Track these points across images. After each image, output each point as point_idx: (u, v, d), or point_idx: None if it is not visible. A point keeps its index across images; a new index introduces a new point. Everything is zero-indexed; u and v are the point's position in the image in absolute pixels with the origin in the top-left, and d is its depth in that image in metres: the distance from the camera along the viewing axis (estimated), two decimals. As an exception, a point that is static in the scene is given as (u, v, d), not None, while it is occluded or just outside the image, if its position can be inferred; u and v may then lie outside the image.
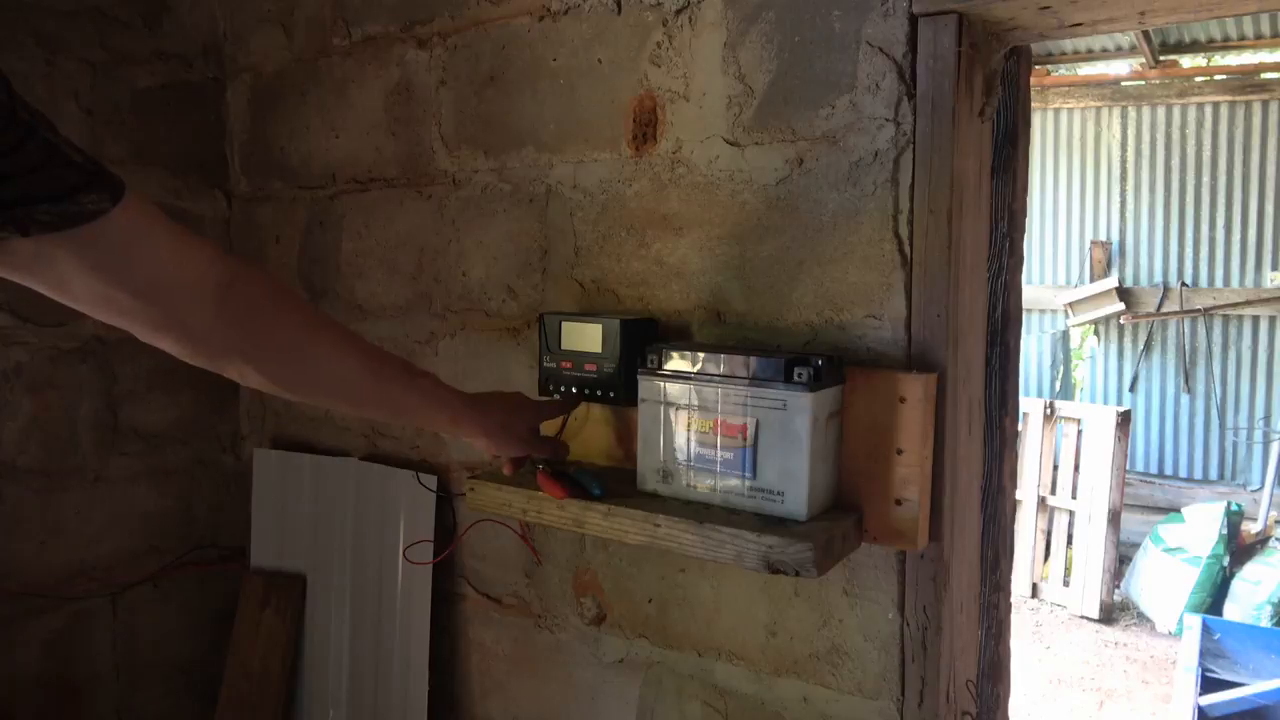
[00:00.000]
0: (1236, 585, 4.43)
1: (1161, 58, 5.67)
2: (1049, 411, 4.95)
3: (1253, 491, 5.67)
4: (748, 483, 1.08)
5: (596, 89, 1.38)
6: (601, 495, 1.16)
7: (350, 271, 1.76)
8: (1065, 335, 6.48)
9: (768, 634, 1.27)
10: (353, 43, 1.71)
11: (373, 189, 1.71)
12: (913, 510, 1.09)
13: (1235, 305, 5.83)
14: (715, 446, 1.10)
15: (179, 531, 1.95)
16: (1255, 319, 5.84)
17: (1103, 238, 6.23)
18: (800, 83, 1.19)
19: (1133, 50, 5.54)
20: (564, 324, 1.30)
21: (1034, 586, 4.94)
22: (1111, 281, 6.06)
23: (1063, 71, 6.29)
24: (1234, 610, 4.32)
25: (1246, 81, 5.73)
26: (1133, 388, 6.15)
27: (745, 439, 1.08)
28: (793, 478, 1.06)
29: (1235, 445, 5.91)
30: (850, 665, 1.20)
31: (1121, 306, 6.02)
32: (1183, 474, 6.03)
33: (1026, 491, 4.89)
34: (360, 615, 1.75)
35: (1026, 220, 1.35)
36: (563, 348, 1.30)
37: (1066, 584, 4.86)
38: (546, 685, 1.54)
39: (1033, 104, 1.44)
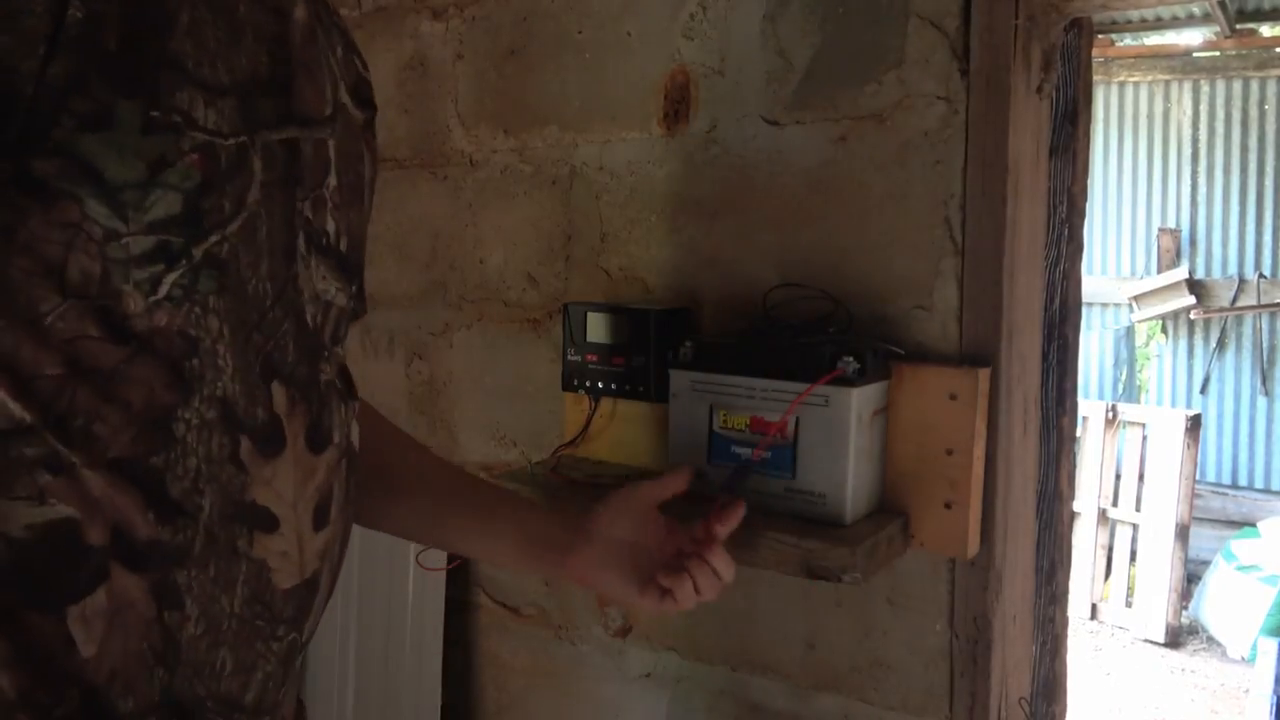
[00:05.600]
0: (1318, 607, 4.42)
1: (1238, 26, 5.64)
2: (1111, 415, 4.95)
3: (1337, 505, 5.64)
4: (786, 483, 1.12)
5: (625, 63, 1.41)
6: None
7: (358, 258, 1.80)
8: (1130, 331, 6.47)
9: (806, 646, 1.31)
10: (363, 13, 1.75)
11: (383, 170, 1.75)
12: (963, 514, 1.12)
13: (1319, 299, 5.79)
14: (752, 444, 1.14)
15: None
16: (1341, 314, 5.80)
17: (1171, 224, 6.20)
18: (845, 57, 1.22)
19: (1206, 18, 5.51)
20: (589, 315, 1.34)
21: (1093, 607, 4.94)
22: (1181, 272, 6.04)
23: (1128, 41, 6.27)
24: (1315, 635, 4.31)
25: (1333, 52, 5.70)
26: (1204, 390, 6.12)
27: (784, 437, 1.11)
28: (835, 478, 1.09)
29: (1318, 454, 5.88)
30: (894, 680, 1.24)
31: (1192, 300, 6.00)
32: (1258, 485, 5.99)
33: (1086, 503, 4.89)
34: (367, 625, 1.79)
35: (1087, 205, 1.38)
36: (588, 340, 1.34)
37: (1129, 605, 4.86)
38: (567, 701, 1.58)
39: (1095, 77, 1.46)
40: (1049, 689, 1.37)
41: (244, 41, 0.63)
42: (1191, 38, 6.13)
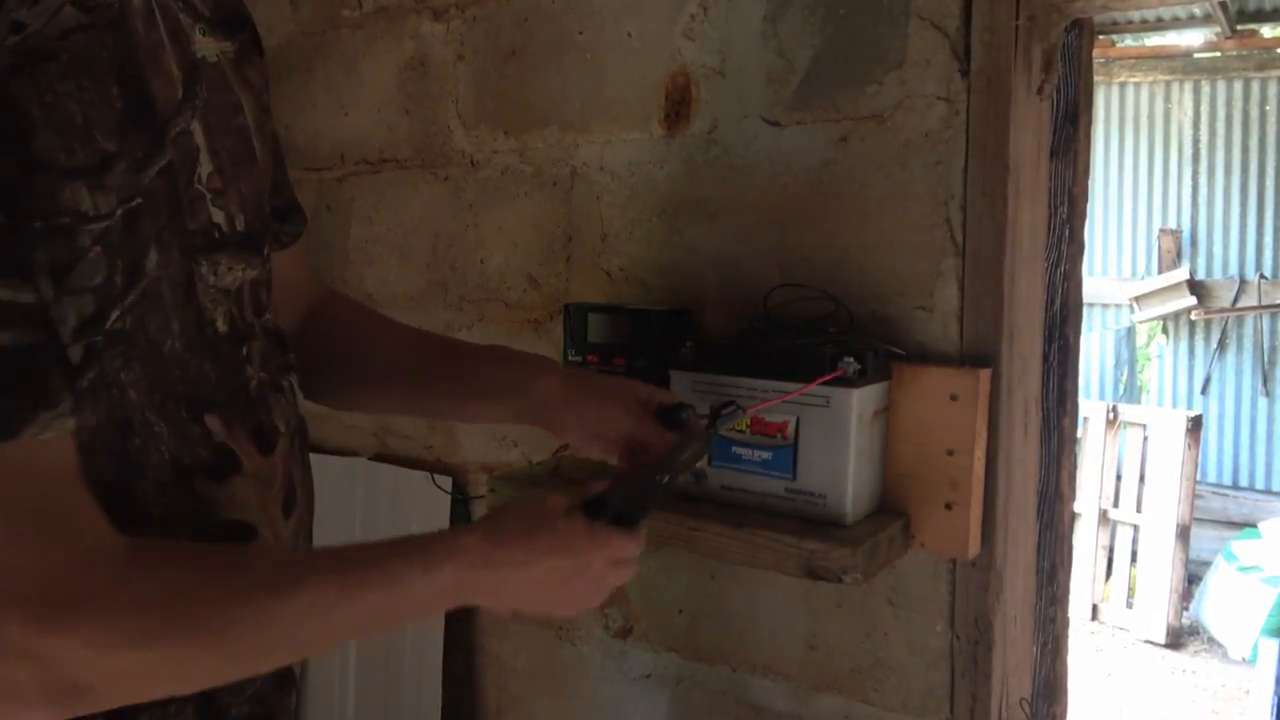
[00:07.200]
0: (1319, 608, 4.41)
1: (1239, 27, 5.63)
2: (1111, 416, 4.94)
3: (1338, 505, 5.63)
4: (787, 484, 1.12)
5: (626, 64, 1.41)
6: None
7: (360, 259, 1.81)
8: (1131, 332, 6.46)
9: (806, 647, 1.31)
10: (363, 14, 1.76)
11: (384, 171, 1.75)
12: (964, 515, 1.11)
13: (1319, 300, 5.79)
14: (753, 445, 1.14)
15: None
16: (1342, 315, 5.80)
17: (1172, 225, 6.20)
18: (846, 58, 1.22)
19: (1207, 19, 5.50)
20: (590, 316, 1.34)
21: (1094, 608, 4.94)
22: (1182, 273, 6.03)
23: (1129, 42, 6.27)
24: (1316, 635, 4.30)
25: (1333, 53, 5.69)
26: (1205, 390, 6.12)
27: (785, 438, 1.11)
28: (836, 479, 1.09)
29: (1319, 454, 5.87)
30: (895, 680, 1.23)
31: (1193, 301, 5.99)
32: (1259, 485, 5.98)
33: (1087, 504, 4.89)
34: (368, 626, 1.79)
35: (1088, 206, 1.37)
36: (589, 341, 1.34)
37: (1130, 605, 4.85)
38: (568, 702, 1.58)
39: (1096, 78, 1.46)
40: (1050, 690, 1.37)
41: (109, 81, 0.58)
42: (1192, 38, 6.13)
